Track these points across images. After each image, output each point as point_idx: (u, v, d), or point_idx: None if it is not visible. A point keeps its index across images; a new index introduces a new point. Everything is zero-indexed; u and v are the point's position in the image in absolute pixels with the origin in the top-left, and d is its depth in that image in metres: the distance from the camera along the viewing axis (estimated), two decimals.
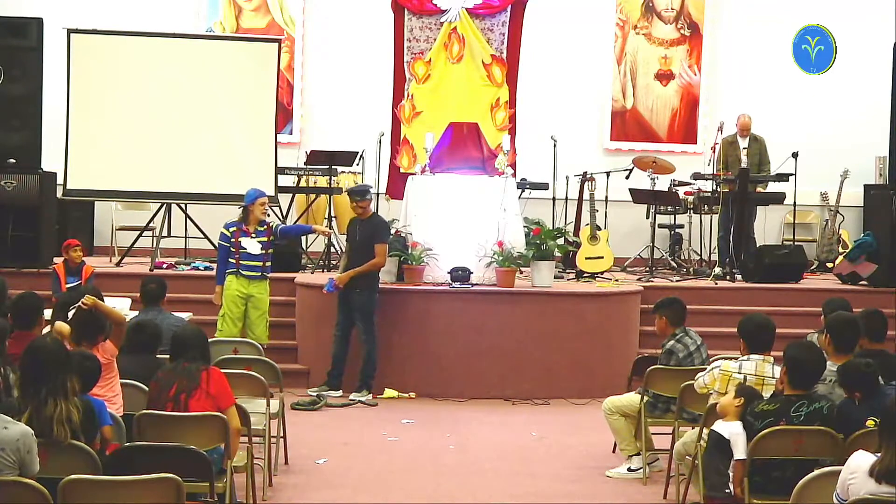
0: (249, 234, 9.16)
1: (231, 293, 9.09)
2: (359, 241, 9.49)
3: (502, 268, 9.89)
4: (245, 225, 9.18)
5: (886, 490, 4.20)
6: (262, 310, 9.18)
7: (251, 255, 9.12)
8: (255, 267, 9.16)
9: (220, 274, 9.20)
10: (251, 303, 9.14)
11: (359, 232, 9.50)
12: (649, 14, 14.06)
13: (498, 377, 9.67)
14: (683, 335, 7.12)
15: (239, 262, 9.11)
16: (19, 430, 4.43)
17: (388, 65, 12.45)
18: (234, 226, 9.21)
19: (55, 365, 4.69)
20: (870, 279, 11.39)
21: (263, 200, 9.31)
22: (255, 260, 9.15)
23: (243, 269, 9.12)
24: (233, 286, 9.10)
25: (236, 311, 9.09)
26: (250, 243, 9.14)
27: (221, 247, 9.22)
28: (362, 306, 9.43)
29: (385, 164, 12.32)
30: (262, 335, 9.04)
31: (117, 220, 12.72)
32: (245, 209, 9.26)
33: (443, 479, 7.14)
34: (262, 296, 9.19)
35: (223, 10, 13.73)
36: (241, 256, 9.11)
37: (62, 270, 9.66)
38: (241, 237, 9.13)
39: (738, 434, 5.41)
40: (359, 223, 9.54)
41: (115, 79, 11.51)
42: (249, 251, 9.12)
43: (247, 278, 9.12)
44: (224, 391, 5.65)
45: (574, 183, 12.66)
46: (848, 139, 13.62)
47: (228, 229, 9.19)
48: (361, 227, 9.50)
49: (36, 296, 6.51)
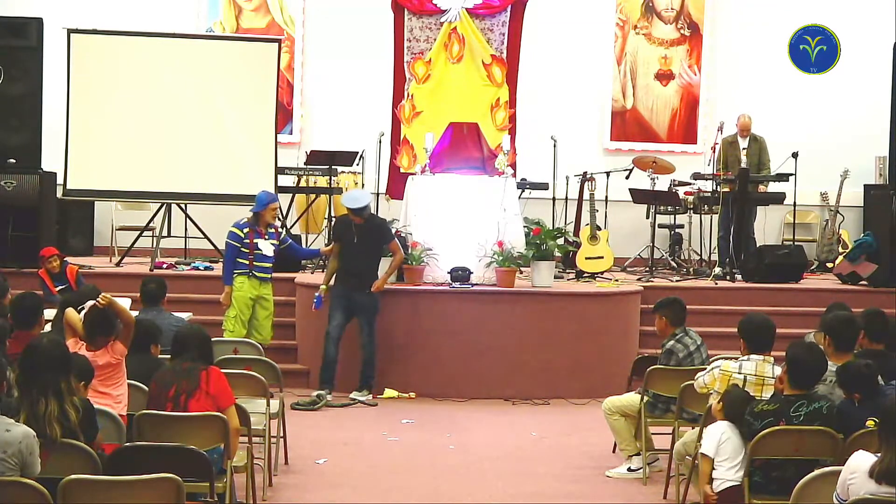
0: (263, 235, 9.17)
1: (243, 295, 9.09)
2: (357, 243, 9.37)
3: (502, 268, 9.89)
4: (258, 226, 9.18)
5: (886, 490, 4.20)
6: (270, 310, 9.26)
7: (265, 256, 9.15)
8: (267, 269, 9.20)
9: (228, 274, 9.16)
10: (259, 304, 9.18)
11: (356, 233, 9.39)
12: (649, 14, 14.06)
13: (498, 377, 9.67)
14: (683, 335, 7.12)
15: (252, 262, 9.10)
16: (21, 432, 4.43)
17: (388, 65, 12.46)
18: (247, 226, 9.16)
19: (51, 365, 4.69)
20: (870, 279, 11.39)
21: (275, 206, 9.33)
22: (268, 261, 9.18)
23: (256, 269, 9.13)
24: (245, 287, 9.10)
25: (247, 313, 9.12)
26: (265, 245, 9.15)
27: (231, 246, 9.18)
28: (370, 306, 9.40)
29: (385, 164, 12.33)
30: (268, 336, 9.13)
31: (117, 220, 12.72)
32: (256, 214, 9.24)
33: (443, 479, 7.14)
34: (270, 297, 9.26)
35: (223, 10, 13.72)
36: (256, 258, 9.11)
37: (47, 276, 9.59)
38: (256, 238, 9.13)
39: (712, 432, 5.53)
40: (353, 224, 9.42)
41: (115, 79, 11.51)
42: (264, 252, 9.14)
43: (259, 280, 9.14)
44: (224, 391, 5.65)
45: (574, 183, 12.66)
46: (848, 139, 13.62)
47: (242, 230, 9.14)
48: (358, 228, 9.40)
49: (36, 296, 6.53)
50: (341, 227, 9.61)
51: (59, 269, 9.62)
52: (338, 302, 9.42)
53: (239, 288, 9.10)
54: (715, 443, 5.49)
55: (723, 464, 5.51)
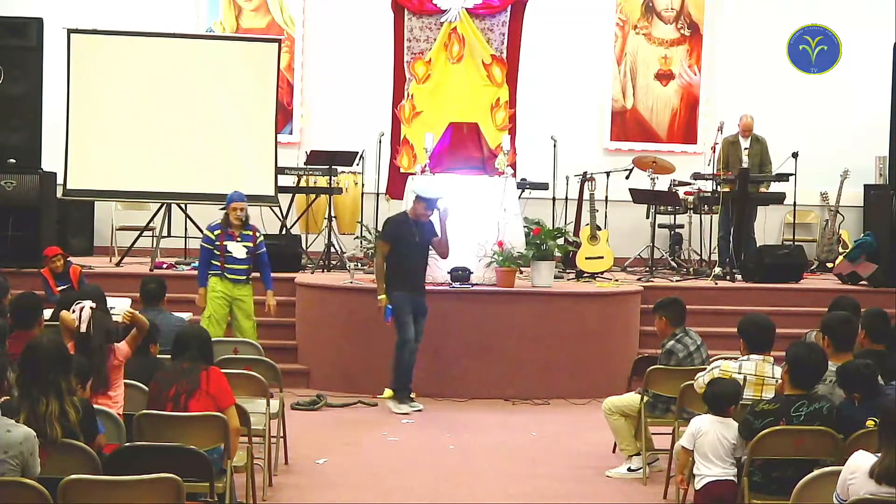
0: (235, 237, 9.09)
1: (215, 294, 9.04)
2: (419, 242, 8.99)
3: (502, 268, 9.88)
4: (230, 228, 9.11)
5: (886, 490, 4.20)
6: (249, 312, 9.17)
7: (236, 258, 9.05)
8: (239, 271, 9.10)
9: (203, 276, 9.14)
10: (236, 305, 9.11)
11: (417, 233, 8.97)
12: (649, 14, 14.06)
13: (498, 377, 9.67)
14: (683, 335, 7.11)
15: (224, 265, 9.05)
16: (22, 433, 4.43)
17: (388, 65, 12.45)
18: (217, 228, 9.12)
19: (51, 364, 4.69)
20: (870, 279, 11.39)
21: (238, 206, 9.11)
22: (240, 264, 9.08)
23: (228, 272, 9.06)
24: (217, 288, 9.05)
25: (221, 312, 9.06)
26: (235, 247, 9.05)
27: (203, 249, 9.16)
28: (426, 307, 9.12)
29: (385, 164, 12.33)
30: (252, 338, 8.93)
31: (117, 220, 12.72)
32: (224, 214, 9.21)
33: (443, 479, 7.14)
34: (247, 298, 9.16)
35: (223, 10, 13.72)
36: (227, 260, 9.04)
37: (49, 275, 9.60)
38: (227, 240, 9.06)
39: (691, 424, 5.73)
40: (414, 224, 9.02)
41: (115, 79, 11.50)
42: (235, 255, 9.04)
43: (231, 282, 9.08)
44: (224, 391, 5.65)
45: (574, 183, 12.67)
46: (848, 139, 13.63)
47: (213, 232, 9.11)
48: (419, 227, 9.01)
49: (36, 296, 6.54)
50: (397, 225, 9.08)
51: (62, 269, 9.63)
52: (407, 307, 8.92)
53: (212, 288, 9.07)
54: (691, 437, 5.65)
55: (701, 459, 5.56)
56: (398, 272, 8.93)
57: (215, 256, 9.07)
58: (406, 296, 8.92)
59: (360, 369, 9.71)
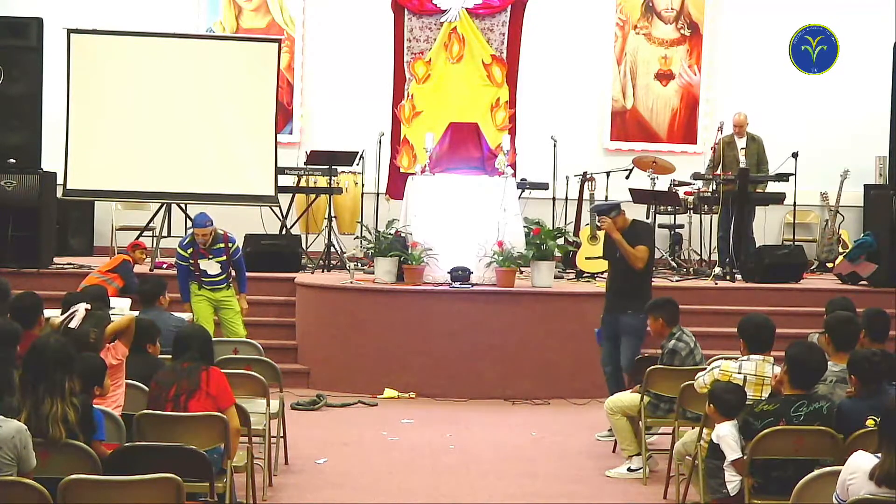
0: (207, 255, 9.06)
1: (198, 297, 9.07)
2: (621, 257, 8.10)
3: (502, 268, 9.88)
4: (198, 247, 9.05)
5: (886, 491, 4.20)
6: (235, 309, 9.18)
7: (210, 275, 9.07)
8: (217, 282, 9.11)
9: (185, 292, 9.11)
10: (220, 305, 9.14)
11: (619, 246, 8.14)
12: (649, 14, 14.06)
13: (498, 377, 9.67)
14: (682, 333, 7.13)
15: (201, 279, 9.05)
16: (14, 427, 4.44)
17: (388, 65, 12.46)
18: (189, 247, 9.06)
19: (57, 364, 4.70)
20: (870, 279, 11.38)
21: (198, 231, 8.96)
22: (216, 278, 9.10)
23: (206, 285, 9.08)
24: (198, 292, 9.08)
25: (206, 311, 9.08)
26: (209, 265, 9.06)
27: (179, 266, 9.17)
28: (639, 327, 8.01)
29: (385, 164, 12.33)
30: (242, 334, 8.97)
31: (117, 220, 12.71)
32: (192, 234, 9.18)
33: (443, 479, 7.14)
34: (230, 299, 9.17)
35: (223, 10, 13.72)
36: (202, 275, 9.04)
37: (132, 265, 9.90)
38: (200, 259, 9.05)
39: (724, 436, 5.46)
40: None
41: (115, 79, 11.50)
42: (209, 272, 9.06)
43: (210, 289, 9.11)
44: (224, 391, 5.65)
45: (574, 183, 12.66)
46: (848, 139, 13.62)
47: (186, 250, 9.06)
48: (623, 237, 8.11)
49: (36, 295, 6.52)
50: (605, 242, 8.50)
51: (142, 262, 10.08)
52: (605, 330, 8.29)
53: (194, 292, 9.09)
54: (732, 445, 5.40)
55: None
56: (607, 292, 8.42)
57: (191, 273, 9.08)
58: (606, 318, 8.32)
59: (360, 369, 9.72)
